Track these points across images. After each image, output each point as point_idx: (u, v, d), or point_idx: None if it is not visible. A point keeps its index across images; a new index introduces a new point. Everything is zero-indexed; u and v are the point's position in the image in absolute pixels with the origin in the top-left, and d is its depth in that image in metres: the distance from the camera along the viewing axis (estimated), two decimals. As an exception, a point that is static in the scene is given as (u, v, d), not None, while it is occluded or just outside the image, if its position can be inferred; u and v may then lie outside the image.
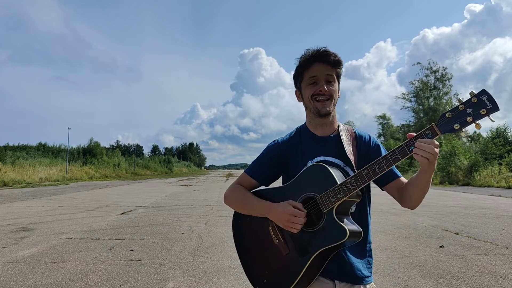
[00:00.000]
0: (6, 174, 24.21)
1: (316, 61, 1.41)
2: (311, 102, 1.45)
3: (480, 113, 1.09)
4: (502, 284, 3.77)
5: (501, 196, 14.73)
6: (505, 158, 23.74)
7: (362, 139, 1.53)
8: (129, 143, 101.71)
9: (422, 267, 4.40)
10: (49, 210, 9.91)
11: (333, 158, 1.45)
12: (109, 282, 3.82)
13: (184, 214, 9.02)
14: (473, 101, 1.10)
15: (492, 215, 8.93)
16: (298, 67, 1.47)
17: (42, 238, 6.06)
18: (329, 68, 1.42)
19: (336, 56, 1.41)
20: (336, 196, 1.27)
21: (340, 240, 1.25)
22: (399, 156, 1.20)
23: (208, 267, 4.42)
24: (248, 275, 1.53)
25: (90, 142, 45.89)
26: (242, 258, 1.58)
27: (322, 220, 1.31)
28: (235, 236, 1.64)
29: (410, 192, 1.35)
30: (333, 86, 1.44)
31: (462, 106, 1.12)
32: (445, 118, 1.14)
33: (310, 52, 1.42)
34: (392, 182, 1.43)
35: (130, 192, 17.29)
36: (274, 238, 1.43)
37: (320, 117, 1.46)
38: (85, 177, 33.53)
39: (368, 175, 1.24)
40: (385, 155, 1.22)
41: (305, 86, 1.46)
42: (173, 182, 28.95)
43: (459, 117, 1.12)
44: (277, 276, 1.40)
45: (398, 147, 1.20)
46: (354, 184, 1.25)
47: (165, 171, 67.37)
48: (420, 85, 38.19)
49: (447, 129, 1.14)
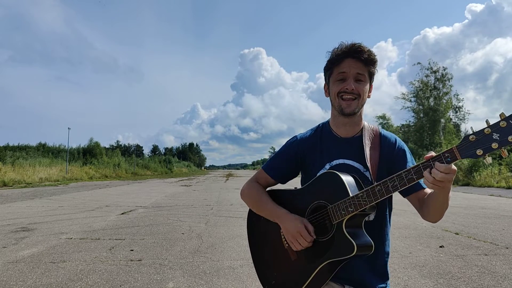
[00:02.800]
0: (6, 174, 24.21)
1: (347, 56, 1.33)
2: (337, 99, 1.38)
3: (507, 140, 0.99)
4: (502, 284, 3.77)
5: (501, 196, 14.73)
6: (505, 158, 23.73)
7: (386, 141, 1.44)
8: (129, 143, 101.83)
9: (422, 267, 4.39)
10: (49, 210, 9.91)
11: (353, 162, 1.39)
12: (109, 282, 3.82)
13: (184, 214, 9.02)
14: (501, 125, 0.99)
15: (492, 215, 8.93)
16: (329, 62, 1.39)
17: (42, 238, 6.06)
18: (360, 65, 1.33)
19: (370, 54, 1.33)
20: (347, 209, 1.23)
21: (346, 255, 1.22)
22: (414, 176, 1.13)
23: (208, 267, 4.41)
24: (258, 274, 1.52)
25: (90, 142, 45.92)
26: (254, 256, 1.58)
27: (332, 231, 1.27)
28: (249, 233, 1.63)
29: (429, 208, 1.29)
30: (363, 85, 1.35)
31: (488, 129, 1.02)
32: (468, 142, 1.05)
33: (342, 47, 1.34)
34: (414, 193, 1.36)
35: (130, 192, 17.28)
36: (284, 241, 1.40)
37: (344, 116, 1.39)
38: (85, 177, 33.52)
39: (381, 192, 1.18)
40: (399, 173, 1.16)
41: (333, 81, 1.39)
42: (173, 182, 28.94)
43: (484, 142, 1.02)
44: (285, 280, 1.39)
45: (414, 167, 1.14)
46: (366, 199, 1.20)
47: (165, 171, 67.36)
48: (420, 85, 38.17)
49: (468, 154, 1.04)
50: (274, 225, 1.44)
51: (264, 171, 1.57)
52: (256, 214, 1.56)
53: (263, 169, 1.58)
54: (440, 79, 37.82)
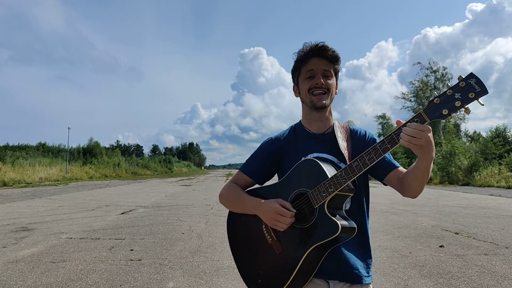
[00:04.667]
0: (6, 174, 24.23)
1: (313, 56, 1.40)
2: (308, 95, 1.44)
3: (468, 97, 1.06)
4: (502, 284, 3.77)
5: (501, 196, 14.74)
6: (505, 158, 23.74)
7: (357, 134, 1.51)
8: (129, 143, 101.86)
9: (422, 267, 4.40)
10: (49, 210, 9.91)
11: (327, 155, 1.44)
12: (109, 282, 3.82)
13: (184, 214, 9.03)
14: (461, 85, 1.07)
15: (492, 215, 8.93)
16: (296, 62, 1.46)
17: (42, 238, 6.06)
18: (326, 63, 1.41)
19: (334, 51, 1.40)
20: (327, 190, 1.24)
21: (332, 235, 1.21)
22: (388, 145, 1.17)
23: (208, 267, 4.42)
24: (243, 276, 1.51)
25: (89, 142, 45.92)
26: (236, 258, 1.57)
27: (314, 215, 1.28)
28: (229, 237, 1.62)
29: (409, 181, 1.31)
30: (330, 80, 1.43)
31: (450, 91, 1.09)
32: (433, 104, 1.11)
33: (307, 47, 1.41)
34: (391, 172, 1.40)
35: (130, 192, 17.29)
36: (267, 237, 1.40)
37: (316, 110, 1.45)
38: (85, 177, 33.53)
39: (358, 167, 1.21)
40: (374, 145, 1.19)
41: (302, 80, 1.45)
42: (173, 182, 28.95)
43: (448, 102, 1.09)
44: (271, 275, 1.38)
45: (387, 136, 1.18)
46: (345, 177, 1.22)
47: (165, 171, 67.38)
48: (420, 85, 38.19)
49: (435, 115, 1.11)
50: (255, 223, 1.45)
51: (242, 172, 1.59)
52: (235, 215, 1.58)
53: (241, 171, 1.60)
54: (440, 78, 37.83)
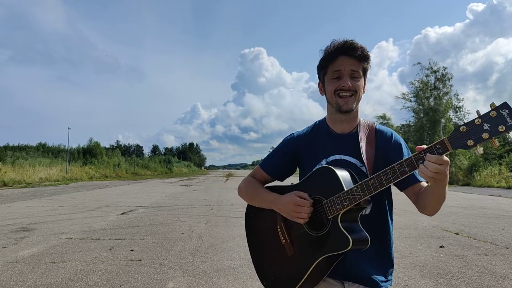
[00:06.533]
0: (6, 174, 24.21)
1: (341, 54, 1.33)
2: (334, 97, 1.37)
3: (498, 130, 0.97)
4: (502, 284, 3.77)
5: (501, 196, 14.73)
6: (505, 158, 23.74)
7: (382, 136, 1.44)
8: (129, 143, 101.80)
9: (422, 267, 4.39)
10: (49, 210, 9.91)
11: (349, 157, 1.40)
12: (109, 282, 3.82)
13: (184, 214, 9.02)
14: (491, 115, 0.98)
15: (492, 215, 8.93)
16: (322, 60, 1.39)
17: (42, 238, 6.06)
18: (354, 62, 1.33)
19: (363, 50, 1.32)
20: (342, 204, 1.22)
21: (342, 250, 1.21)
22: (406, 169, 1.12)
23: (208, 267, 4.41)
24: (257, 270, 1.53)
25: (89, 142, 45.91)
26: (252, 253, 1.59)
27: (327, 225, 1.27)
28: (247, 231, 1.64)
29: (425, 200, 1.28)
30: (358, 81, 1.36)
31: (478, 120, 1.01)
32: (459, 132, 1.04)
33: (335, 44, 1.34)
34: (411, 187, 1.35)
35: (130, 192, 17.28)
36: (281, 237, 1.41)
37: (341, 113, 1.39)
38: (85, 177, 33.51)
39: (374, 186, 1.17)
40: (392, 166, 1.15)
41: (329, 80, 1.38)
42: (173, 182, 28.94)
43: (474, 132, 1.01)
44: (283, 275, 1.40)
45: (407, 159, 1.13)
46: (360, 193, 1.19)
47: (165, 171, 67.35)
48: (420, 85, 38.16)
49: (459, 145, 1.04)
50: (271, 221, 1.46)
51: (261, 168, 1.58)
52: (253, 210, 1.58)
53: (260, 166, 1.59)
54: (440, 79, 37.80)
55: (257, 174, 1.60)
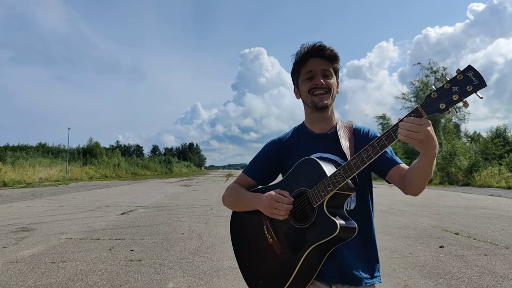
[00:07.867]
0: (6, 174, 24.20)
1: (311, 56, 1.39)
2: (309, 96, 1.43)
3: (466, 90, 1.03)
4: (502, 284, 3.77)
5: (501, 196, 14.74)
6: (505, 158, 23.74)
7: (360, 132, 1.49)
8: (129, 143, 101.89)
9: (422, 267, 4.40)
10: (49, 210, 9.91)
11: (330, 155, 1.43)
12: (109, 282, 3.82)
13: (184, 214, 9.03)
14: (458, 78, 1.04)
15: (492, 215, 8.93)
16: (295, 64, 1.46)
17: (42, 238, 6.06)
18: (325, 62, 1.40)
19: (332, 50, 1.39)
20: (326, 189, 1.23)
21: (330, 235, 1.20)
22: (385, 142, 1.14)
23: (208, 267, 4.42)
24: (245, 276, 1.50)
25: (89, 142, 45.90)
26: (238, 259, 1.56)
27: (314, 215, 1.27)
28: (232, 238, 1.63)
29: (411, 178, 1.28)
30: (331, 79, 1.42)
31: (447, 84, 1.06)
32: (431, 99, 1.08)
33: (305, 48, 1.40)
34: (392, 169, 1.37)
35: (130, 192, 17.28)
36: (268, 237, 1.40)
37: (318, 111, 1.44)
38: (85, 177, 33.51)
39: (356, 165, 1.19)
40: (371, 143, 1.17)
41: (302, 81, 1.44)
42: (173, 182, 28.95)
43: (445, 96, 1.06)
44: (272, 276, 1.38)
45: (385, 133, 1.15)
46: (343, 175, 1.21)
47: (165, 171, 67.36)
48: (420, 85, 38.20)
49: (433, 110, 1.08)
50: (256, 223, 1.46)
51: (245, 174, 1.60)
52: (238, 216, 1.59)
53: (244, 173, 1.61)
54: (440, 79, 37.82)
55: (241, 180, 1.60)
